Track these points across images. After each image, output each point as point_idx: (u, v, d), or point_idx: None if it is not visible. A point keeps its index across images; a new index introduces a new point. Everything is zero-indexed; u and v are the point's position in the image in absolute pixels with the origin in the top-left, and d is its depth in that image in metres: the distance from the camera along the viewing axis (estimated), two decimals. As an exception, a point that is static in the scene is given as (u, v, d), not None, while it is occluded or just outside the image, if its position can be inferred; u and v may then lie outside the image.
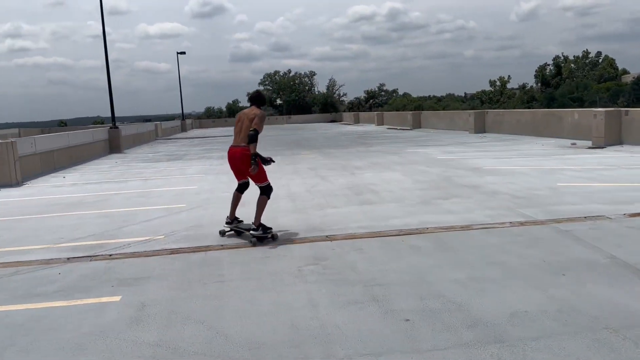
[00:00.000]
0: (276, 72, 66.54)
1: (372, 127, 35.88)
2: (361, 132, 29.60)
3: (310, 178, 10.69)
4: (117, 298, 4.30)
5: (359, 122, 45.88)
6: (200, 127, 55.00)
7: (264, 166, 5.99)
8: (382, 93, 60.13)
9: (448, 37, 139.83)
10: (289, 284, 4.46)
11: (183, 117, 45.41)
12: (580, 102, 66.93)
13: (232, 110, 62.49)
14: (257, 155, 5.82)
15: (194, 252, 5.63)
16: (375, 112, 39.81)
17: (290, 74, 65.40)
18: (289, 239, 5.93)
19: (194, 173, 12.89)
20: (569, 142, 15.97)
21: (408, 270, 4.65)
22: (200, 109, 66.51)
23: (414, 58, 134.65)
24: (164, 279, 4.75)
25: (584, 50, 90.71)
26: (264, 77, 66.43)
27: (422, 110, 37.26)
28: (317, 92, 63.91)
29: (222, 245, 5.83)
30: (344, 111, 58.20)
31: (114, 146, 21.69)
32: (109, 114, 23.80)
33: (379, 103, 57.74)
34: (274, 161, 6.18)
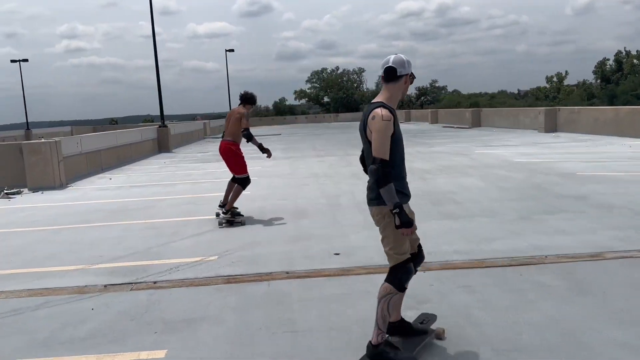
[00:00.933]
0: (323, 70, 65.54)
1: (426, 125, 34.20)
2: (416, 131, 28.06)
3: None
4: (161, 354, 3.26)
5: (410, 120, 44.15)
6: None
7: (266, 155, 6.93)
8: (435, 90, 57.78)
9: (499, 33, 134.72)
10: (387, 341, 3.27)
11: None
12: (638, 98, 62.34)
13: (279, 108, 62.00)
14: (252, 139, 6.56)
15: (253, 281, 4.57)
16: (429, 110, 37.98)
17: (338, 71, 64.17)
18: (370, 265, 4.76)
19: (246, 175, 11.96)
20: (664, 142, 14.01)
21: (549, 326, 3.38)
22: (248, 107, 66.82)
23: (463, 54, 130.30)
24: (220, 323, 3.69)
25: None
26: (311, 75, 65.56)
27: (480, 107, 35.12)
28: (365, 90, 62.33)
29: (287, 273, 4.73)
30: (394, 109, 56.64)
31: (162, 145, 21.22)
32: (159, 112, 23.41)
33: (430, 100, 55.55)
34: (270, 155, 6.96)
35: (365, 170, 2.98)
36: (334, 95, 59.76)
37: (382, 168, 2.65)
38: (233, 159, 6.81)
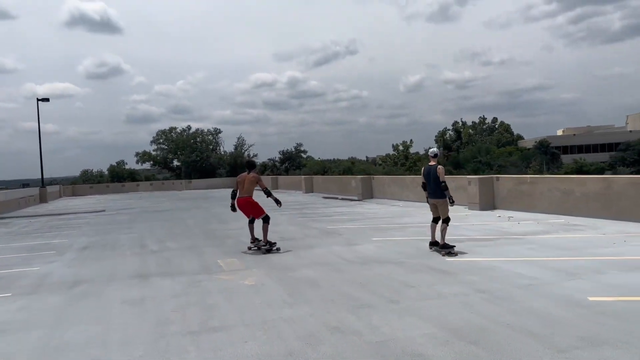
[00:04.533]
0: (172, 129, 56.65)
1: (301, 196, 27.82)
2: (297, 204, 21.36)
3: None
4: None
5: (277, 188, 37.68)
6: (74, 194, 43.22)
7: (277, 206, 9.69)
8: (299, 154, 52.47)
9: (344, 105, 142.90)
10: None
11: (43, 183, 33.91)
12: (488, 166, 65.62)
13: (116, 173, 51.16)
14: (271, 195, 9.54)
15: None
16: (302, 176, 31.82)
17: (190, 131, 55.77)
18: None
19: None
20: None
21: None
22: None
23: (313, 123, 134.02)
24: None
25: (480, 117, 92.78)
26: (157, 135, 56.11)
27: (371, 174, 29.87)
28: (223, 152, 54.69)
29: None
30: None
31: None
32: None
33: (296, 165, 50.19)
34: (280, 204, 9.71)
35: (425, 188, 8.87)
36: (185, 159, 51.11)
37: (446, 184, 8.45)
38: (255, 207, 9.55)
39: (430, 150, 8.98)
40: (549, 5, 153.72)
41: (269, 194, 9.44)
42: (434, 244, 8.79)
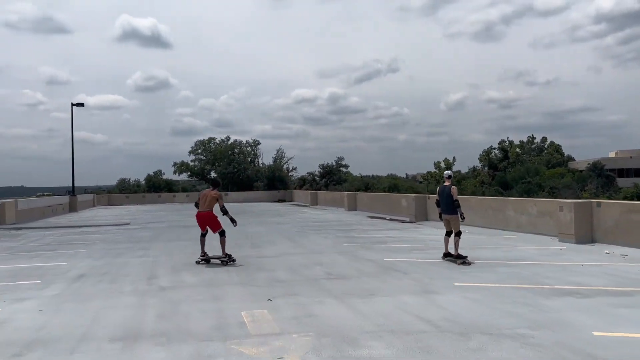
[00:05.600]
0: (211, 139, 55.12)
1: (344, 214, 25.11)
2: (342, 225, 18.67)
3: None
4: None
5: (317, 204, 35.12)
6: (109, 203, 41.99)
7: (233, 225, 10.19)
8: (339, 170, 49.55)
9: (384, 122, 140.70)
10: None
11: (74, 191, 32.50)
12: (539, 187, 61.08)
13: (153, 183, 49.85)
14: (227, 213, 10.14)
15: None
16: (346, 193, 29.05)
17: (229, 141, 53.99)
18: None
19: None
20: None
21: None
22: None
23: (352, 139, 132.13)
24: None
25: (529, 136, 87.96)
26: (195, 145, 54.63)
27: (421, 192, 26.91)
28: (261, 165, 52.50)
29: None
30: (295, 188, 47.39)
31: None
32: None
33: (336, 180, 47.47)
34: (236, 224, 10.24)
35: (438, 205, 10.26)
36: (222, 170, 49.25)
37: (458, 202, 9.76)
38: (213, 221, 10.18)
39: (445, 172, 10.55)
40: (597, 25, 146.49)
41: (225, 213, 10.11)
42: (447, 254, 9.92)
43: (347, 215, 24.15)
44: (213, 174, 51.51)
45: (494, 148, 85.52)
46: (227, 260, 9.93)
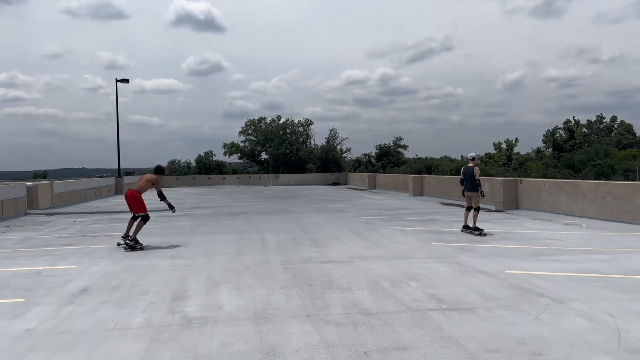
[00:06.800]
0: (262, 119, 52.85)
1: (410, 200, 21.96)
2: (415, 214, 15.61)
3: None
4: None
5: (375, 188, 32.06)
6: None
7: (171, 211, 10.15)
8: (400, 149, 45.92)
9: (436, 103, 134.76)
10: None
11: (119, 173, 31.07)
12: (612, 170, 55.10)
13: (203, 164, 48.29)
14: (165, 199, 9.90)
15: None
16: (411, 176, 25.77)
17: (280, 121, 51.46)
18: None
19: None
20: None
21: None
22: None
23: (403, 121, 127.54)
24: None
25: (597, 115, 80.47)
26: (245, 125, 52.51)
27: (518, 177, 23.26)
28: (314, 145, 49.67)
29: None
30: (349, 170, 44.35)
31: None
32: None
33: (394, 162, 44.03)
34: (174, 210, 10.24)
35: (462, 184, 11.51)
36: (273, 151, 46.90)
37: (479, 182, 11.10)
38: (137, 203, 9.75)
39: (469, 154, 11.70)
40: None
41: (162, 198, 9.87)
42: (466, 227, 11.27)
43: (415, 202, 20.99)
44: (264, 155, 49.38)
45: (559, 128, 78.94)
46: (133, 245, 9.44)
